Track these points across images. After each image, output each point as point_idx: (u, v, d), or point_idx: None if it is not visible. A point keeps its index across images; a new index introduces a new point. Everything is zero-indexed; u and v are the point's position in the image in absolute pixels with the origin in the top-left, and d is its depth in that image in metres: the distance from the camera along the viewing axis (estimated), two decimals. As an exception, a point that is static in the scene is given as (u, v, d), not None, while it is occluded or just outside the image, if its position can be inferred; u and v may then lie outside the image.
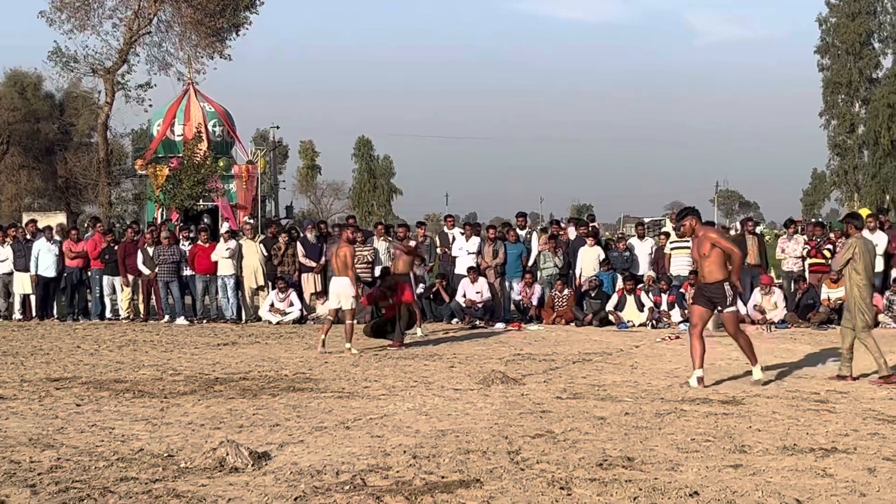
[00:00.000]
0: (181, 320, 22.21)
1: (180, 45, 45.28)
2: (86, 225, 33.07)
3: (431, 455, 8.32)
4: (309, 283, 22.42)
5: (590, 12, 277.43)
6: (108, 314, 23.03)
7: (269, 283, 22.47)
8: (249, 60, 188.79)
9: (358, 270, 22.00)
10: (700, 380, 12.23)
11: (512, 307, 22.36)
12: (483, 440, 8.94)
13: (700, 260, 12.44)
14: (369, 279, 21.57)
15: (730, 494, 7.09)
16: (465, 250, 22.46)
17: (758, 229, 26.33)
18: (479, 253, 22.23)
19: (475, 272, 21.46)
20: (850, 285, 12.97)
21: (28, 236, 23.61)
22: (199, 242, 22.83)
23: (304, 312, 21.98)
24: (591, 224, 24.97)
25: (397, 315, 17.22)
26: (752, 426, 9.64)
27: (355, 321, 16.86)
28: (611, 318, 21.03)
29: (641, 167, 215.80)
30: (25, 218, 33.18)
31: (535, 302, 21.96)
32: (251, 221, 31.42)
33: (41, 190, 56.54)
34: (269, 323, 21.59)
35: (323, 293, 21.91)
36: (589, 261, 22.10)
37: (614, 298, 21.16)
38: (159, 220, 32.69)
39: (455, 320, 21.71)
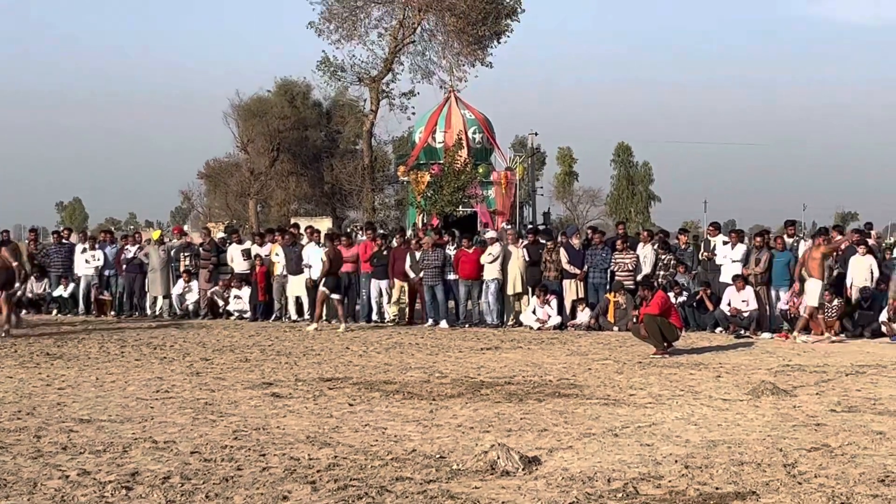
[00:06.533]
0: (444, 324, 22.56)
1: (443, 53, 46.35)
2: (349, 230, 34.15)
3: (704, 465, 8.18)
4: (571, 289, 22.36)
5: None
6: (373, 317, 23.60)
7: (530, 289, 22.54)
8: (509, 66, 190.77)
9: (619, 277, 21.98)
10: None
11: (778, 316, 21.70)
12: (756, 452, 8.73)
13: None
14: (631, 286, 21.43)
15: None
16: (729, 258, 21.89)
17: None
18: (745, 261, 21.64)
19: (742, 280, 20.93)
20: None
21: (303, 241, 24.35)
22: (464, 248, 23.15)
23: (563, 319, 21.94)
24: (868, 234, 24.01)
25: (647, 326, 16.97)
26: None
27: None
28: (883, 329, 20.14)
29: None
30: (293, 222, 34.46)
31: (803, 312, 21.27)
32: (509, 228, 31.67)
33: (308, 195, 58.69)
34: (531, 328, 21.68)
35: (582, 300, 21.92)
36: (860, 270, 21.21)
37: (886, 310, 20.25)
38: (419, 226, 33.46)
39: (719, 329, 21.23)
